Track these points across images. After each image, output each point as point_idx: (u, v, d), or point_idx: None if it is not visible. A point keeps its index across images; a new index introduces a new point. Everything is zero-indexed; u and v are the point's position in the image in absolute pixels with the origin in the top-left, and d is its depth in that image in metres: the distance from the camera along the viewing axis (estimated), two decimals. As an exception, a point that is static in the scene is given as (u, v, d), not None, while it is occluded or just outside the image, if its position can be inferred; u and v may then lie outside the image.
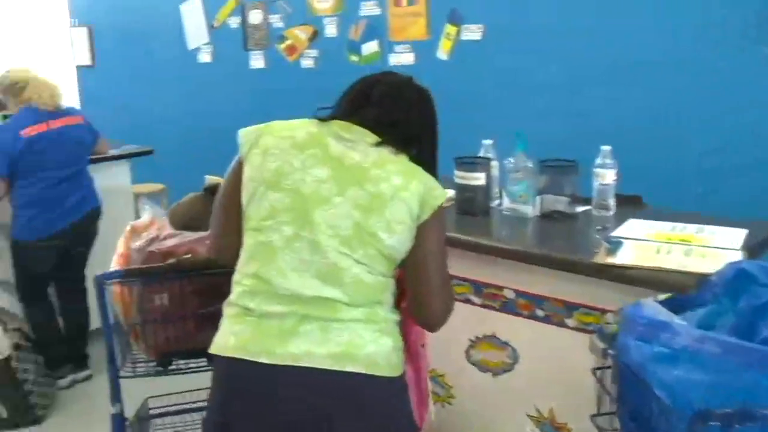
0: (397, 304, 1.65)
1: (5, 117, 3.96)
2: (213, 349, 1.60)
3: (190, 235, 2.02)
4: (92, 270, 3.62)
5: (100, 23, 6.33)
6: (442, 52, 4.09)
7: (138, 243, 1.99)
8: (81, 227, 3.50)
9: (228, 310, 1.61)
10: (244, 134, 1.65)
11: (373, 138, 1.59)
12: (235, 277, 1.62)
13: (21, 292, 3.58)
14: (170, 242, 1.97)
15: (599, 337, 1.56)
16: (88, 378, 3.65)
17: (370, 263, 1.54)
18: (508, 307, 2.07)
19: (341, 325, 1.52)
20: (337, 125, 1.61)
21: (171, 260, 1.93)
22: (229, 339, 1.56)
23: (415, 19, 4.16)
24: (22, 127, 3.27)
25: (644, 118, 3.36)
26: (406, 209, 1.54)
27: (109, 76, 6.32)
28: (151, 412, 2.42)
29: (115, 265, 2.04)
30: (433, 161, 1.71)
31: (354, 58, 4.47)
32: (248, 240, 1.60)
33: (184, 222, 2.24)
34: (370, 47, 4.38)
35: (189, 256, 1.95)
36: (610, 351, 1.50)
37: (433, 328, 1.66)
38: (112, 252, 2.99)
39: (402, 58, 4.22)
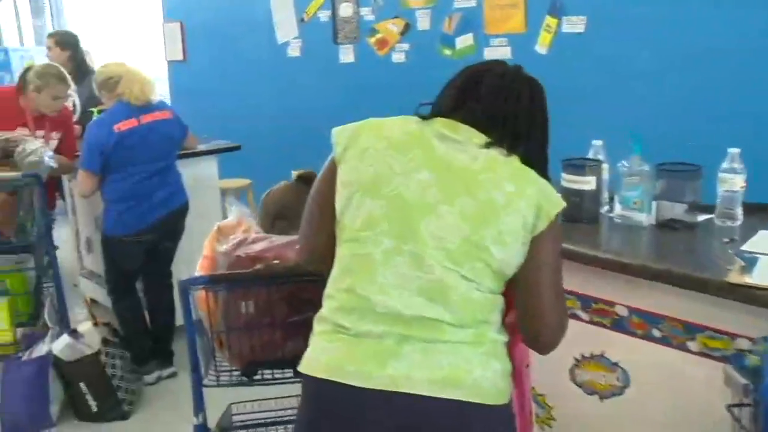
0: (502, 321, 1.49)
1: (99, 111, 4.00)
2: (303, 368, 1.47)
3: (278, 239, 1.91)
4: (178, 266, 3.63)
5: (191, 19, 6.37)
6: (541, 46, 3.88)
7: (225, 246, 1.90)
8: (169, 223, 3.48)
9: (319, 326, 1.48)
10: (338, 133, 1.51)
11: (481, 138, 1.43)
12: (328, 290, 1.48)
13: (110, 285, 3.61)
14: (258, 246, 1.87)
15: (737, 370, 1.36)
16: (173, 375, 3.64)
17: (479, 279, 1.39)
18: (619, 325, 1.88)
19: (446, 347, 1.37)
20: (442, 123, 1.45)
21: (258, 266, 1.83)
22: (320, 358, 1.43)
23: (513, 11, 3.96)
24: (114, 122, 3.26)
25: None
26: (520, 220, 1.38)
27: (199, 70, 6.37)
28: (234, 421, 2.33)
29: (200, 268, 1.95)
30: (544, 160, 1.52)
31: (447, 51, 4.30)
32: (343, 251, 1.46)
33: (276, 209, 2.15)
34: (465, 41, 4.21)
35: (277, 261, 1.84)
36: (751, 387, 1.30)
37: (544, 349, 1.48)
38: (197, 248, 2.94)
39: (498, 52, 4.03)
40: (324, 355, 1.43)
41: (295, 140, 5.42)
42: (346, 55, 4.92)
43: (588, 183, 2.09)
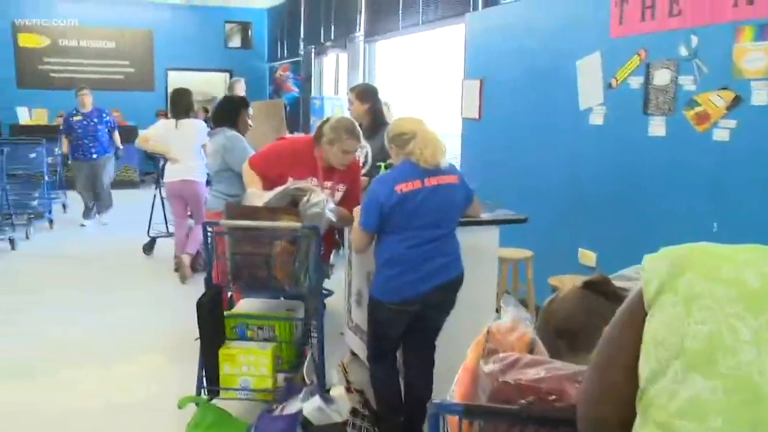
0: None
1: (387, 166, 3.93)
2: None
3: (559, 368, 1.50)
4: (444, 343, 3.35)
5: (491, 76, 6.22)
6: None
7: (491, 366, 1.53)
8: (441, 294, 3.22)
9: None
10: (652, 264, 1.08)
11: None
12: None
13: (370, 350, 3.44)
14: (532, 373, 1.48)
15: None
16: (420, 457, 3.36)
17: None
18: None
19: None
20: None
21: (530, 398, 1.44)
22: None
23: None
24: (398, 181, 3.10)
25: None
26: None
27: (493, 130, 6.17)
28: None
29: (458, 380, 1.62)
30: None
31: (788, 132, 3.56)
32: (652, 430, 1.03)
33: (558, 323, 1.76)
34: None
35: (554, 397, 1.44)
36: None
37: None
38: (466, 324, 2.62)
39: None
40: None
41: (585, 215, 4.95)
42: (657, 127, 4.34)
43: None
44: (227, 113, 5.00)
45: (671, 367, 1.02)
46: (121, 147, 9.28)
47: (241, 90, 8.94)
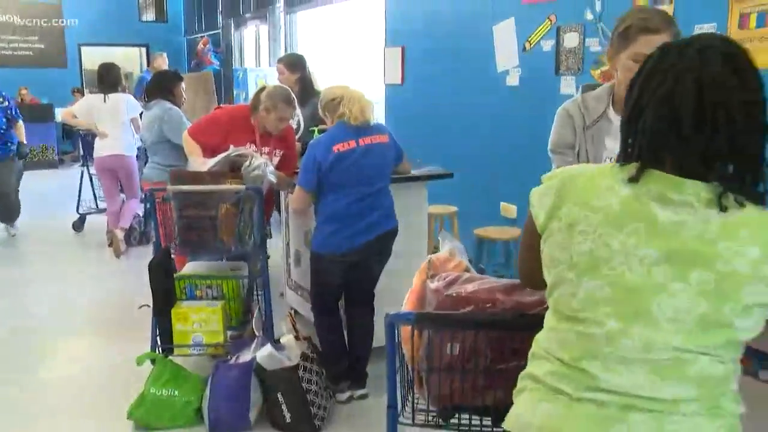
0: None
1: (320, 131, 4.16)
2: (512, 425, 1.37)
3: (491, 281, 1.81)
4: (382, 291, 3.64)
5: (412, 43, 6.49)
6: (794, 85, 3.47)
7: (435, 284, 1.82)
8: (376, 246, 3.49)
9: (529, 384, 1.37)
10: (538, 197, 1.38)
11: (708, 191, 1.23)
12: (538, 351, 1.38)
13: (314, 300, 3.69)
14: (469, 287, 1.78)
15: None
16: (364, 396, 3.65)
17: (720, 353, 1.24)
18: None
19: (679, 418, 1.23)
20: (659, 182, 1.26)
21: (468, 308, 1.74)
22: (533, 418, 1.32)
23: (764, 44, 3.57)
24: (333, 142, 3.34)
25: None
26: (765, 287, 1.20)
27: (415, 95, 6.46)
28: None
29: (407, 302, 1.90)
30: (760, 158, 1.26)
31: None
32: (560, 324, 1.35)
33: None
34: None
35: (489, 305, 1.74)
36: None
37: None
38: (401, 273, 2.92)
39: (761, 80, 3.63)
40: (538, 416, 1.32)
41: (504, 170, 5.31)
42: (567, 86, 4.73)
43: None
44: (162, 86, 5.12)
45: (567, 276, 1.32)
46: (25, 142, 7.02)
47: (163, 64, 8.94)
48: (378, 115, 6.14)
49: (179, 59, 13.76)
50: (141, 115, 6.01)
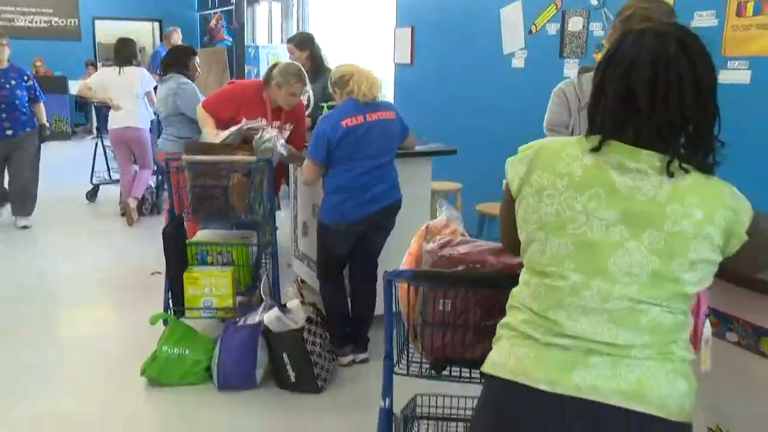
0: None
1: (330, 107, 4.31)
2: (488, 368, 1.53)
3: (482, 244, 1.97)
4: (385, 261, 3.80)
5: (421, 24, 6.62)
6: (787, 71, 3.60)
7: (431, 245, 1.99)
8: (381, 217, 3.65)
9: (506, 332, 1.54)
10: (513, 166, 1.55)
11: (662, 159, 1.39)
12: (514, 303, 1.55)
13: (320, 269, 3.86)
14: (462, 249, 1.94)
15: None
16: (365, 361, 3.84)
17: (671, 304, 1.40)
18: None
19: (633, 361, 1.39)
20: (618, 151, 1.42)
21: (460, 267, 1.90)
22: (508, 360, 1.49)
23: (760, 31, 3.69)
24: (342, 117, 3.49)
25: None
26: (710, 246, 1.38)
27: (424, 74, 6.59)
28: (418, 410, 2.43)
29: (404, 263, 2.07)
30: (707, 133, 1.42)
31: (677, 72, 4.11)
32: (532, 278, 1.51)
33: None
34: (698, 61, 3.99)
35: (479, 266, 1.90)
36: None
37: None
38: (405, 244, 3.07)
39: (734, 76, 3.78)
40: (511, 359, 1.48)
41: (508, 150, 5.43)
42: (571, 69, 4.86)
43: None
44: (178, 61, 5.26)
45: (537, 235, 1.49)
46: (47, 124, 6.78)
47: (177, 39, 9.06)
48: (387, 94, 6.30)
49: (192, 35, 13.86)
50: (155, 88, 6.16)
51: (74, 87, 11.79)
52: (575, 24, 4.79)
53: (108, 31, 13.41)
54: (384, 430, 2.08)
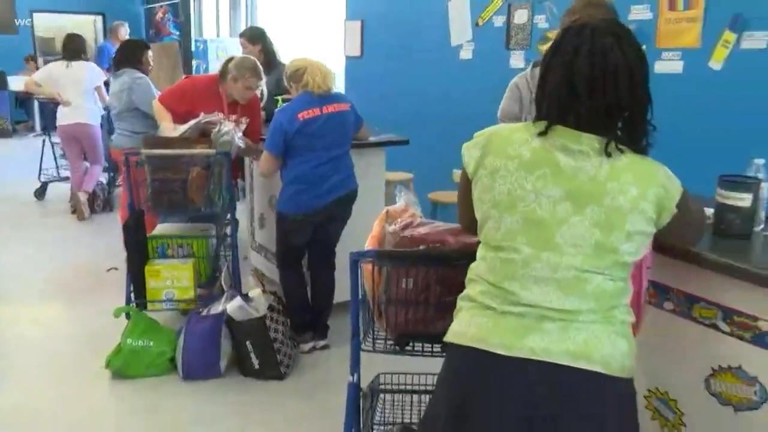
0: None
1: (284, 100, 4.41)
2: (450, 337, 1.67)
3: (441, 225, 2.12)
4: (343, 249, 3.92)
5: (371, 17, 6.74)
6: (715, 61, 3.83)
7: (393, 227, 2.12)
8: (338, 206, 3.77)
9: (465, 304, 1.68)
10: (469, 151, 1.70)
11: (601, 142, 1.55)
12: (473, 277, 1.69)
13: (279, 258, 3.96)
14: (422, 230, 2.08)
15: None
16: (325, 347, 3.96)
17: (612, 272, 1.56)
18: (761, 341, 1.91)
19: (580, 325, 1.55)
20: (562, 135, 1.58)
21: (421, 246, 2.04)
22: (468, 329, 1.63)
23: (689, 24, 3.93)
24: (298, 110, 3.60)
25: None
26: (644, 219, 1.54)
27: (374, 67, 6.72)
28: (381, 387, 2.57)
29: (368, 245, 2.19)
30: (640, 118, 1.58)
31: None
32: (488, 253, 1.66)
33: None
34: (635, 52, 4.23)
35: (438, 245, 2.04)
36: None
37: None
38: (360, 233, 3.19)
39: (668, 66, 4.02)
40: (471, 328, 1.62)
41: (458, 140, 5.60)
42: (517, 60, 5.05)
43: (743, 200, 2.12)
44: (131, 55, 5.24)
45: (491, 213, 1.64)
46: None
47: (125, 34, 8.97)
48: (338, 86, 6.40)
49: (137, 29, 13.64)
50: (106, 84, 6.13)
51: (14, 83, 11.55)
52: (520, 16, 4.98)
53: (47, 25, 13.13)
54: (352, 402, 2.22)
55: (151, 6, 13.53)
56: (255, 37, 5.41)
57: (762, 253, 2.10)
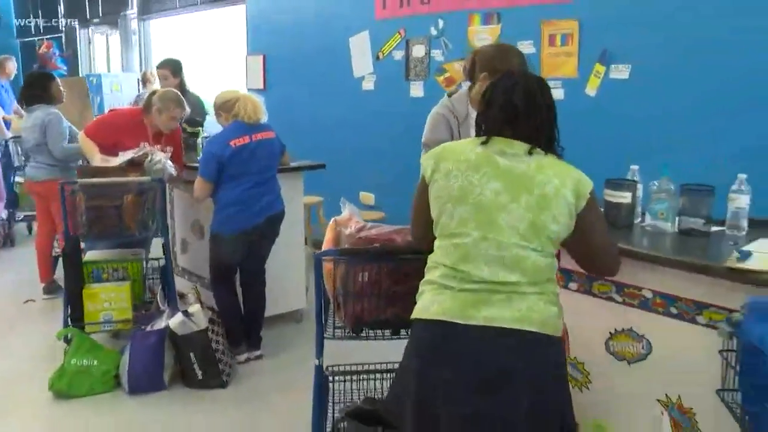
0: None
1: (193, 133, 4.75)
2: (416, 314, 2.07)
3: (388, 228, 2.53)
4: (270, 263, 4.26)
5: (273, 51, 7.12)
6: (590, 89, 4.49)
7: (349, 230, 2.52)
8: (269, 225, 4.12)
9: (428, 287, 2.08)
10: (426, 160, 2.13)
11: (527, 147, 2.02)
12: (432, 264, 2.09)
13: (213, 277, 4.23)
14: (374, 231, 2.49)
15: (727, 324, 1.92)
16: (259, 357, 4.25)
17: (543, 248, 1.99)
18: (645, 305, 2.42)
19: (522, 296, 1.97)
20: (499, 143, 2.04)
21: (375, 245, 2.44)
22: (431, 306, 2.03)
23: (567, 58, 4.58)
24: (231, 138, 3.93)
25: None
26: (565, 203, 1.98)
27: (278, 99, 7.08)
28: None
29: (324, 248, 2.58)
30: (553, 135, 2.09)
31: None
32: (444, 242, 2.07)
33: None
34: (523, 82, 4.85)
35: (387, 243, 2.46)
36: (735, 333, 1.87)
37: (605, 275, 2.42)
38: (282, 251, 3.51)
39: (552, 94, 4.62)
40: (434, 305, 2.03)
41: (364, 165, 6.07)
42: (416, 90, 5.58)
43: (625, 198, 2.67)
44: (40, 89, 5.28)
45: (446, 207, 2.05)
46: None
47: (13, 68, 8.89)
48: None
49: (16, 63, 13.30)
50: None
51: None
52: (418, 50, 5.52)
53: None
54: (318, 381, 2.60)
55: (28, 39, 13.23)
56: (176, 68, 5.66)
57: (641, 238, 2.64)
